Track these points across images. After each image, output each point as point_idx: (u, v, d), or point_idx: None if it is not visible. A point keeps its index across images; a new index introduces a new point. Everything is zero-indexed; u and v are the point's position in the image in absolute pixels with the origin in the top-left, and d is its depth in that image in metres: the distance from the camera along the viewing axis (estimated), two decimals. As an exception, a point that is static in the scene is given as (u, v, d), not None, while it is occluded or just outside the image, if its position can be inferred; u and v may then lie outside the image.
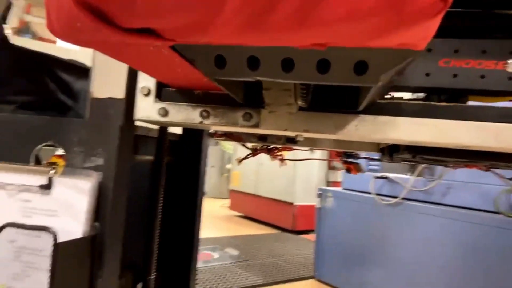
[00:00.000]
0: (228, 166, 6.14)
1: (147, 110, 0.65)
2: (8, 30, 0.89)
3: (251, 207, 4.90)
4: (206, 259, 3.18)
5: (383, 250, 2.35)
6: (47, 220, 0.69)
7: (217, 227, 4.40)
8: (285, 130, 0.62)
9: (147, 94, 0.65)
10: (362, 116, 0.60)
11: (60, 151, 0.71)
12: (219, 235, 3.93)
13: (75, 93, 0.94)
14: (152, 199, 0.94)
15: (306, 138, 1.09)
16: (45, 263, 0.63)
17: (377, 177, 2.46)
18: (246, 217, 5.01)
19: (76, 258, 0.65)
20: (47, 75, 0.86)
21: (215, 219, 4.84)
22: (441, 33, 0.55)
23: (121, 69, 0.70)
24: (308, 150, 1.18)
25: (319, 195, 2.92)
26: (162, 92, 0.66)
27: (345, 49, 0.36)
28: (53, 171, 0.69)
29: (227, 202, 5.37)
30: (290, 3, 0.28)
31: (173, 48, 0.41)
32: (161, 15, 0.31)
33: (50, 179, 0.69)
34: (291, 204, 4.27)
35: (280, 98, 0.46)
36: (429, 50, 0.57)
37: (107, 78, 0.71)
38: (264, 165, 4.61)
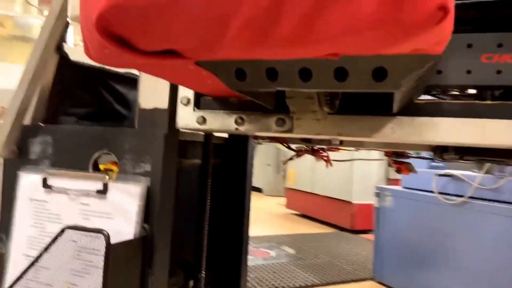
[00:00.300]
0: (282, 164, 6.16)
1: (187, 118, 0.69)
2: (71, 47, 0.99)
3: (307, 205, 4.87)
4: (263, 256, 3.22)
5: (446, 251, 2.21)
6: (103, 222, 0.76)
7: (273, 225, 4.43)
8: (318, 134, 0.62)
9: (187, 104, 0.69)
10: (399, 118, 0.59)
11: (114, 159, 0.78)
12: (275, 233, 3.96)
13: (130, 103, 1.02)
14: (200, 199, 0.99)
15: (348, 141, 1.07)
16: (102, 262, 0.69)
17: (440, 175, 2.33)
18: (302, 215, 4.99)
19: (128, 258, 0.70)
20: (104, 87, 0.94)
21: (272, 217, 4.89)
22: (482, 26, 0.52)
23: (164, 81, 0.75)
24: (355, 150, 1.16)
25: (377, 194, 2.82)
26: (200, 101, 0.69)
27: (360, 57, 0.36)
28: (107, 177, 0.76)
29: (284, 200, 5.39)
30: (292, 18, 0.28)
31: (197, 63, 0.43)
32: (174, 39, 0.33)
33: (105, 185, 0.76)
34: (349, 202, 4.17)
35: (304, 105, 0.47)
36: (469, 45, 0.54)
37: (152, 90, 0.76)
38: (320, 162, 4.54)
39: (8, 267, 0.83)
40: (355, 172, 4.10)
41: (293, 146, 1.17)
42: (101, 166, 0.81)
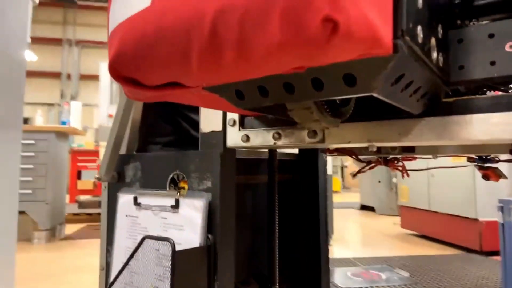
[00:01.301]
0: (394, 180, 5.77)
1: (234, 138, 0.77)
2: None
3: (425, 224, 4.45)
4: (373, 279, 3.06)
5: None
6: (177, 233, 0.88)
7: (386, 246, 4.17)
8: (349, 142, 0.64)
9: (233, 125, 0.77)
10: (428, 119, 0.57)
11: (184, 178, 0.90)
12: (388, 255, 3.72)
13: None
14: (270, 214, 1.05)
15: (422, 146, 1.01)
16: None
17: None
18: (420, 236, 4.57)
19: (194, 264, 0.80)
20: (181, 117, 1.09)
21: (385, 237, 4.60)
22: (503, 13, 0.49)
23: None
24: (432, 158, 1.08)
25: (501, 209, 2.47)
26: (244, 121, 0.77)
27: (328, 66, 0.39)
28: (178, 194, 0.88)
29: (399, 219, 5.03)
30: (230, 50, 0.34)
31: (207, 90, 0.51)
32: (162, 75, 0.42)
33: (177, 201, 0.88)
34: (475, 220, 3.69)
35: (304, 116, 0.50)
36: (490, 35, 0.50)
37: (209, 116, 0.87)
38: (436, 176, 4.16)
39: (112, 273, 1.01)
40: (478, 184, 3.63)
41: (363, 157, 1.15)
42: (182, 184, 0.94)
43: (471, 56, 0.52)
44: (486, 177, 1.00)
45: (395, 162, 1.13)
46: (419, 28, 0.39)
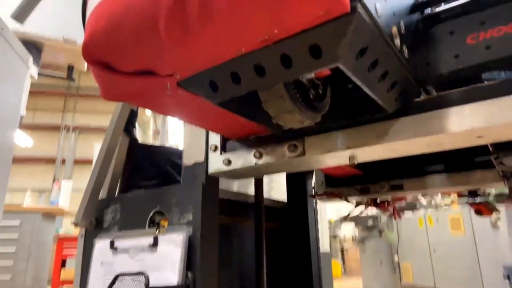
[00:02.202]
0: (396, 258, 5.51)
1: (215, 163, 0.76)
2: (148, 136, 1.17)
3: (432, 304, 4.15)
4: None
5: None
6: (155, 274, 0.81)
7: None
8: (329, 152, 0.63)
9: (215, 150, 0.77)
10: (402, 119, 0.57)
11: (164, 215, 0.86)
12: None
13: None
14: (257, 260, 0.98)
15: (409, 183, 1.00)
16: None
17: None
18: (430, 318, 4.23)
19: (170, 303, 0.72)
20: (167, 163, 1.08)
21: (392, 322, 4.23)
22: (462, 11, 0.53)
23: (201, 139, 0.85)
24: (422, 196, 1.05)
25: (507, 277, 2.34)
26: (226, 145, 0.76)
27: (292, 39, 0.41)
28: (157, 232, 0.83)
29: (405, 301, 4.69)
30: (195, 11, 0.37)
31: (182, 88, 0.52)
32: (130, 56, 0.43)
33: (155, 239, 0.83)
34: (483, 296, 3.46)
35: (278, 107, 0.50)
36: (451, 32, 0.54)
37: (192, 149, 0.86)
38: (437, 251, 4.01)
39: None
40: (482, 252, 3.46)
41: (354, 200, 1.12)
42: (162, 221, 0.90)
43: (436, 53, 0.54)
44: (479, 212, 0.97)
45: (386, 204, 1.10)
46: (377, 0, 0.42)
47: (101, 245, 0.95)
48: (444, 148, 0.60)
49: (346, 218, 1.18)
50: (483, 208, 0.96)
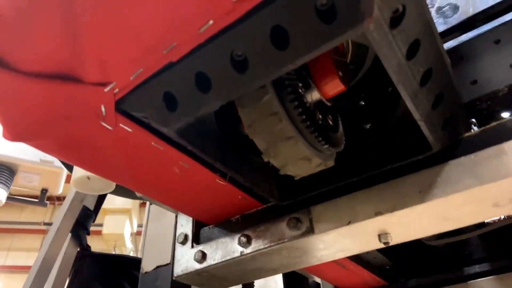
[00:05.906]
0: None
1: (184, 260, 0.53)
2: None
3: None
4: None
5: None
6: None
7: None
8: (349, 223, 0.42)
9: (184, 241, 0.55)
10: (451, 162, 0.39)
11: None
12: None
13: None
14: None
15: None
16: None
17: None
18: None
19: None
20: (122, 275, 0.83)
21: None
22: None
23: (168, 235, 0.63)
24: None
25: None
26: (200, 234, 0.55)
27: (251, 22, 0.27)
28: None
29: None
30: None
31: (124, 116, 0.34)
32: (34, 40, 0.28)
33: None
34: None
35: (271, 130, 0.32)
36: (496, 42, 0.40)
37: (155, 248, 0.63)
38: None
39: None
40: None
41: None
42: None
43: (483, 67, 0.40)
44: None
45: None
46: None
47: None
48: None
49: None
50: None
